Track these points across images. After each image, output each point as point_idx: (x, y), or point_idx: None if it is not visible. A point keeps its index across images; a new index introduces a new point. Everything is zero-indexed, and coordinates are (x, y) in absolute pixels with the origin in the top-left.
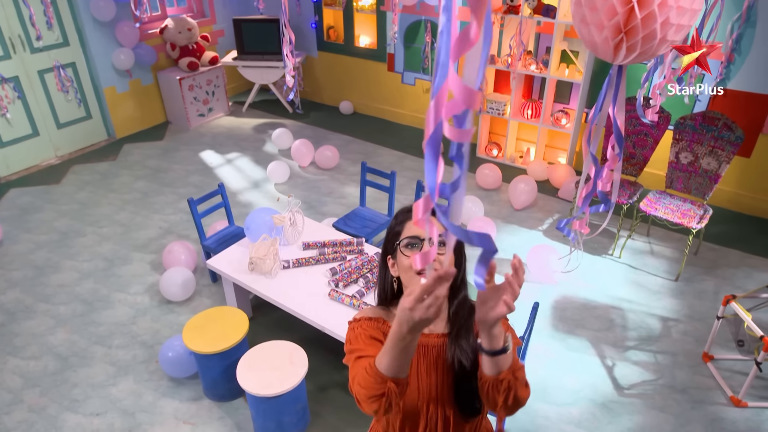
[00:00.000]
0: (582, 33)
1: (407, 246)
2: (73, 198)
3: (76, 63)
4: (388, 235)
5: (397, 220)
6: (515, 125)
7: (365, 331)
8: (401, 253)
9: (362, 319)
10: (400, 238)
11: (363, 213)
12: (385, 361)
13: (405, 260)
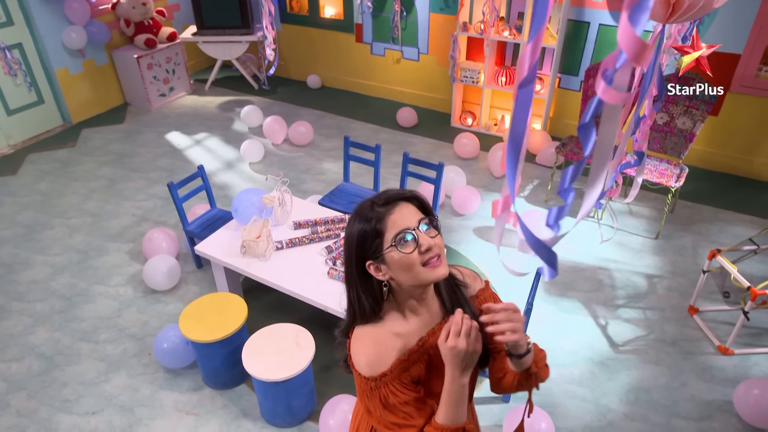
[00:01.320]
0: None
1: (400, 243)
2: (34, 189)
3: (23, 44)
4: (363, 240)
5: (369, 221)
6: (489, 93)
7: (403, 393)
8: (398, 251)
9: (384, 376)
10: (387, 237)
11: (348, 188)
12: (451, 414)
13: (404, 258)
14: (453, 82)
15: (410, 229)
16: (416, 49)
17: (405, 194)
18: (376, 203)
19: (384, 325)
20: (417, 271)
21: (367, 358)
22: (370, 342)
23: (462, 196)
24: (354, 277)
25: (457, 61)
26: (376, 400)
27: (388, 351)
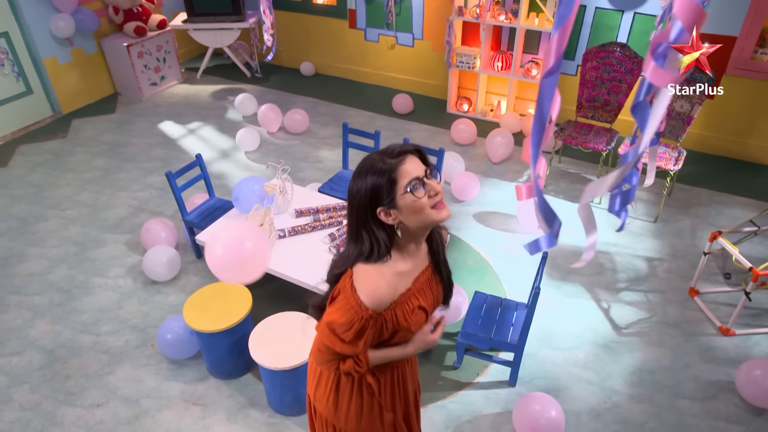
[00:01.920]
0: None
1: (414, 188)
2: (26, 181)
3: (9, 32)
4: (378, 190)
5: (383, 173)
6: (485, 78)
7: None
8: (411, 196)
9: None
10: (401, 184)
11: (347, 176)
12: (378, 362)
13: (416, 202)
14: (449, 67)
15: (420, 177)
16: (411, 34)
17: (410, 148)
18: (386, 155)
19: (389, 265)
20: (427, 213)
21: (374, 293)
22: (379, 278)
23: (462, 182)
24: (369, 221)
25: (453, 46)
26: (358, 325)
27: (390, 291)
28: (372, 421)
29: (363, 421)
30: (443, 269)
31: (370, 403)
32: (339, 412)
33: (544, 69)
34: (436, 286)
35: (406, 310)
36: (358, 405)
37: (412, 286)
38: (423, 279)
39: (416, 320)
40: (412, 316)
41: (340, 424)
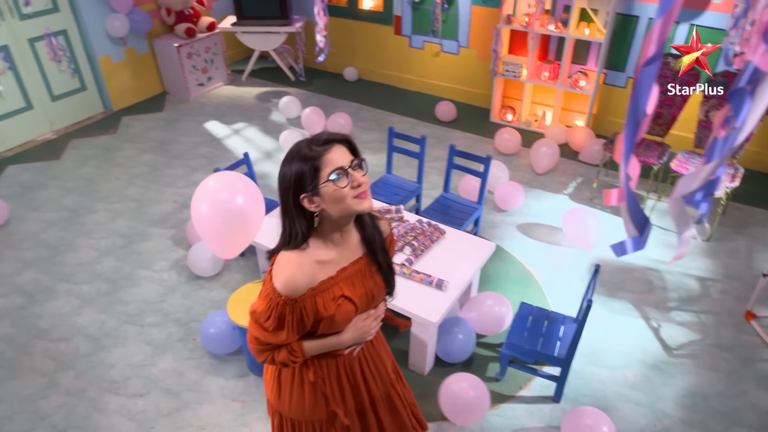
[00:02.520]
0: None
1: (337, 177)
2: (77, 174)
3: (68, 30)
4: (301, 176)
5: (307, 160)
6: (531, 88)
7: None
8: (333, 185)
9: (299, 300)
10: (324, 173)
11: (391, 180)
12: (314, 352)
13: (338, 191)
14: (494, 76)
15: (344, 167)
16: (456, 42)
17: (338, 137)
18: (313, 143)
19: (308, 253)
20: (348, 203)
21: (288, 280)
22: (295, 266)
23: (506, 191)
24: (291, 207)
25: (499, 54)
26: (275, 312)
27: (306, 279)
28: (315, 409)
29: (306, 409)
30: (380, 258)
31: (312, 391)
32: (282, 398)
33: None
34: (373, 276)
35: (326, 299)
36: (299, 392)
37: (336, 275)
38: (353, 269)
39: (341, 311)
40: (332, 304)
41: (284, 411)
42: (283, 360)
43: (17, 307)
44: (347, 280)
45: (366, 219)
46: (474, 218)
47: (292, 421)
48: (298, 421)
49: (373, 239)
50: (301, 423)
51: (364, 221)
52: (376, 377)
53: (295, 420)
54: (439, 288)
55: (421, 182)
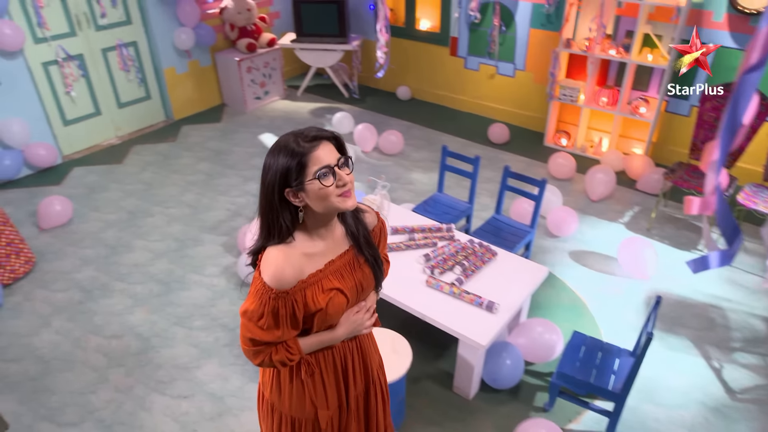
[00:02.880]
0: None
1: (322, 176)
2: (138, 178)
3: (138, 42)
4: (287, 171)
5: (294, 155)
6: (588, 113)
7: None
8: (318, 183)
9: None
10: (310, 170)
11: (442, 199)
12: (310, 349)
13: (323, 189)
14: (550, 99)
15: (331, 165)
16: (512, 65)
17: (327, 134)
18: (301, 138)
19: (294, 246)
20: (332, 201)
21: (276, 272)
22: (282, 259)
23: (559, 217)
24: (275, 202)
25: (557, 78)
26: (268, 308)
27: (294, 272)
28: (318, 404)
29: (306, 407)
30: (366, 251)
31: (312, 385)
32: (282, 397)
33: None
34: (361, 267)
35: (317, 292)
36: (300, 391)
37: (324, 268)
38: (341, 262)
39: (333, 303)
40: (323, 296)
41: (284, 410)
42: (281, 359)
43: (75, 302)
44: (336, 272)
45: (347, 213)
46: (526, 242)
47: (292, 420)
48: (298, 419)
49: (357, 232)
50: (302, 421)
51: (345, 215)
52: (360, 373)
53: (295, 418)
54: (489, 310)
55: (473, 203)
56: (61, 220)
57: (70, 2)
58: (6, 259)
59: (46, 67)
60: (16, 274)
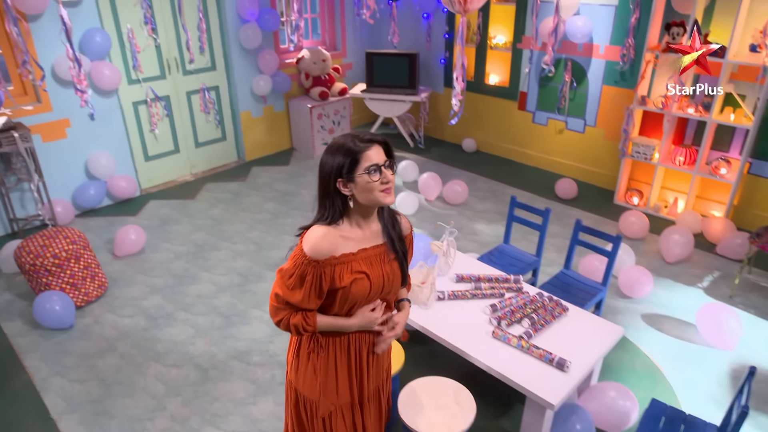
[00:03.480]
0: None
1: (371, 172)
2: (207, 214)
3: (219, 87)
4: (340, 161)
5: (351, 151)
6: (662, 172)
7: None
8: (366, 177)
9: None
10: (362, 165)
11: (508, 250)
12: (324, 328)
13: (369, 183)
14: (622, 156)
15: (379, 165)
16: (582, 120)
17: (379, 138)
18: (357, 139)
19: (336, 228)
20: (375, 194)
21: (313, 243)
22: (322, 234)
23: (632, 276)
24: (330, 190)
25: (630, 135)
26: (299, 271)
27: (329, 246)
28: (326, 389)
29: (317, 386)
30: (398, 246)
31: (325, 368)
32: (299, 376)
33: None
34: (390, 263)
35: (345, 271)
36: (312, 374)
37: (357, 253)
38: (373, 252)
39: (357, 285)
40: (350, 276)
41: (299, 389)
42: (297, 324)
43: (140, 328)
44: (366, 259)
45: (386, 213)
46: (597, 300)
47: (305, 400)
48: (311, 401)
49: (392, 229)
50: (315, 403)
51: (383, 214)
52: (373, 373)
53: (308, 399)
54: (560, 368)
55: (540, 256)
56: (135, 248)
57: (163, 48)
58: (82, 281)
59: (136, 106)
60: (89, 297)
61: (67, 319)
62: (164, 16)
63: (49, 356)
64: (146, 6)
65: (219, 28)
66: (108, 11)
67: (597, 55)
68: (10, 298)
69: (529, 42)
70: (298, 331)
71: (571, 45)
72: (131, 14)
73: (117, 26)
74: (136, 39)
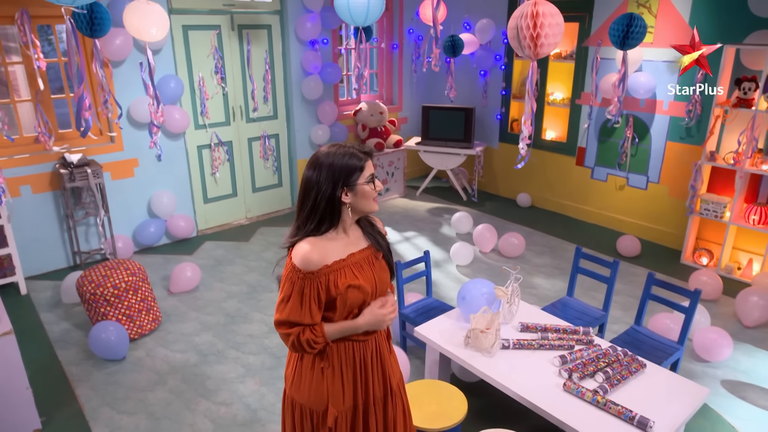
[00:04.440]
0: None
1: (372, 181)
2: (261, 256)
3: (279, 134)
4: (346, 170)
5: (354, 161)
6: (734, 231)
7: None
8: (369, 186)
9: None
10: (364, 175)
11: (572, 304)
12: (336, 337)
13: (368, 191)
14: (690, 214)
15: (374, 176)
16: (645, 177)
17: (371, 152)
18: (359, 150)
19: (322, 238)
20: (369, 202)
21: (303, 257)
22: (311, 245)
23: (709, 338)
24: (335, 197)
25: (698, 192)
26: (297, 288)
27: (318, 256)
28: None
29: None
30: (381, 241)
31: (331, 377)
32: (302, 388)
33: None
34: (378, 261)
35: (338, 277)
36: (319, 380)
37: (347, 258)
38: (361, 256)
39: (352, 290)
40: (345, 281)
41: (303, 401)
42: (307, 339)
43: (190, 364)
44: (356, 264)
45: (363, 218)
46: (673, 360)
47: (310, 412)
48: (315, 412)
49: (371, 229)
50: (318, 413)
51: (362, 221)
52: (378, 381)
53: (312, 410)
54: (642, 428)
55: (608, 310)
56: (190, 286)
57: (230, 96)
58: (137, 314)
59: (200, 150)
60: (143, 330)
61: (121, 351)
62: (233, 67)
63: (100, 386)
64: (218, 57)
65: (283, 80)
66: (183, 60)
67: (660, 111)
68: (68, 327)
69: (589, 98)
70: (311, 346)
71: (633, 101)
72: (204, 64)
73: (190, 74)
74: (206, 87)
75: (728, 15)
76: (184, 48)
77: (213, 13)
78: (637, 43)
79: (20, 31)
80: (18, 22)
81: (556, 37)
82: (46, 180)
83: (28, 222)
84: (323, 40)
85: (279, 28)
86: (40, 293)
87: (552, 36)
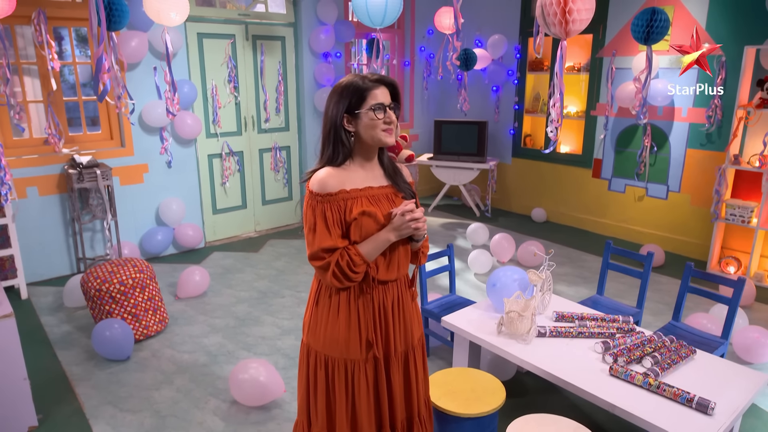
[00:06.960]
0: None
1: (376, 109)
2: (271, 265)
3: (290, 147)
4: (347, 95)
5: (359, 88)
6: (763, 237)
7: (338, 214)
8: (371, 114)
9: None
10: (368, 102)
11: (603, 302)
12: (370, 252)
13: (372, 121)
14: (715, 220)
15: (384, 105)
16: (665, 186)
17: (388, 80)
18: (366, 78)
19: (341, 168)
20: (377, 132)
21: (320, 180)
22: (327, 172)
23: (749, 338)
24: (336, 127)
25: (722, 197)
26: (319, 212)
27: (336, 180)
28: (349, 344)
29: (340, 343)
30: (402, 185)
31: (347, 324)
32: (317, 333)
33: None
34: (398, 200)
35: (355, 204)
36: (334, 325)
37: (363, 189)
38: (379, 191)
39: (366, 222)
40: (359, 208)
41: (318, 347)
42: (347, 261)
43: (199, 364)
44: (373, 197)
45: (386, 160)
46: (718, 355)
47: (325, 358)
48: (331, 358)
49: (393, 174)
50: (335, 360)
51: (384, 161)
52: (400, 334)
53: (329, 357)
54: (702, 410)
55: (642, 307)
56: (198, 291)
57: (243, 106)
58: (144, 313)
59: (211, 158)
60: (149, 332)
61: (126, 350)
62: (246, 77)
63: (102, 385)
64: (232, 66)
65: (296, 91)
66: (197, 67)
67: (679, 119)
68: (69, 330)
69: (604, 108)
70: (352, 270)
71: (651, 109)
72: (217, 72)
73: (203, 81)
74: (218, 95)
75: (746, 18)
76: (199, 55)
77: (228, 23)
78: (661, 37)
79: (36, 31)
80: (34, 21)
81: (589, 12)
82: (53, 182)
83: (33, 225)
84: (336, 54)
85: (293, 39)
86: (41, 298)
87: (585, 11)
